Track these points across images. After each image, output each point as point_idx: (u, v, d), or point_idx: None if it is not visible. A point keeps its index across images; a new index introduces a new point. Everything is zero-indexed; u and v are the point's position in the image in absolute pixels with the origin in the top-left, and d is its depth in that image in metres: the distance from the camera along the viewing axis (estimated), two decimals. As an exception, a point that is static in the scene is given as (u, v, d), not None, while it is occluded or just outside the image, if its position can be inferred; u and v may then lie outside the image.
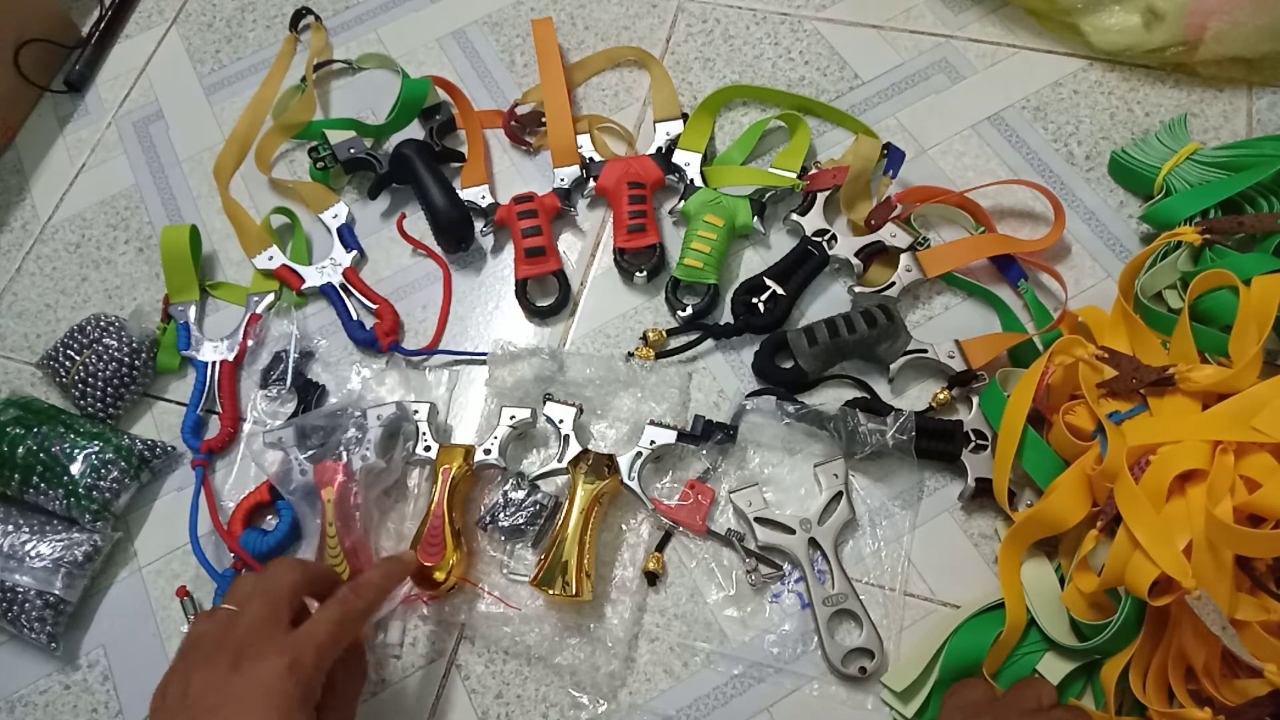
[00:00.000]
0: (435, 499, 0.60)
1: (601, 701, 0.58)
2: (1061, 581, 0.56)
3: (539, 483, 0.62)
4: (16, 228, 0.81)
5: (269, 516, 0.65)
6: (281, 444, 0.62)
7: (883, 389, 0.65)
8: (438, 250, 0.74)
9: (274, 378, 0.69)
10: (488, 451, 0.62)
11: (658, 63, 0.79)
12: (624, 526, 0.62)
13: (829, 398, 0.65)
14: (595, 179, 0.73)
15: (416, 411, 0.64)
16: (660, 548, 0.61)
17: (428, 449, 0.63)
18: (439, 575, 0.58)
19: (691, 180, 0.72)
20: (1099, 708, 0.53)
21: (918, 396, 0.65)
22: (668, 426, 0.62)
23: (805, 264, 0.68)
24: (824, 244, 0.68)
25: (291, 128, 0.80)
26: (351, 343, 0.71)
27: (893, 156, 0.70)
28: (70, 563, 0.61)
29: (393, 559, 0.55)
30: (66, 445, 0.64)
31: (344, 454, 0.61)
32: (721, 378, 0.67)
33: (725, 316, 0.69)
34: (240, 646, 0.46)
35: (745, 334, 0.67)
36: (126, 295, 0.76)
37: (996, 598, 0.57)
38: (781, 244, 0.71)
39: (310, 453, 0.62)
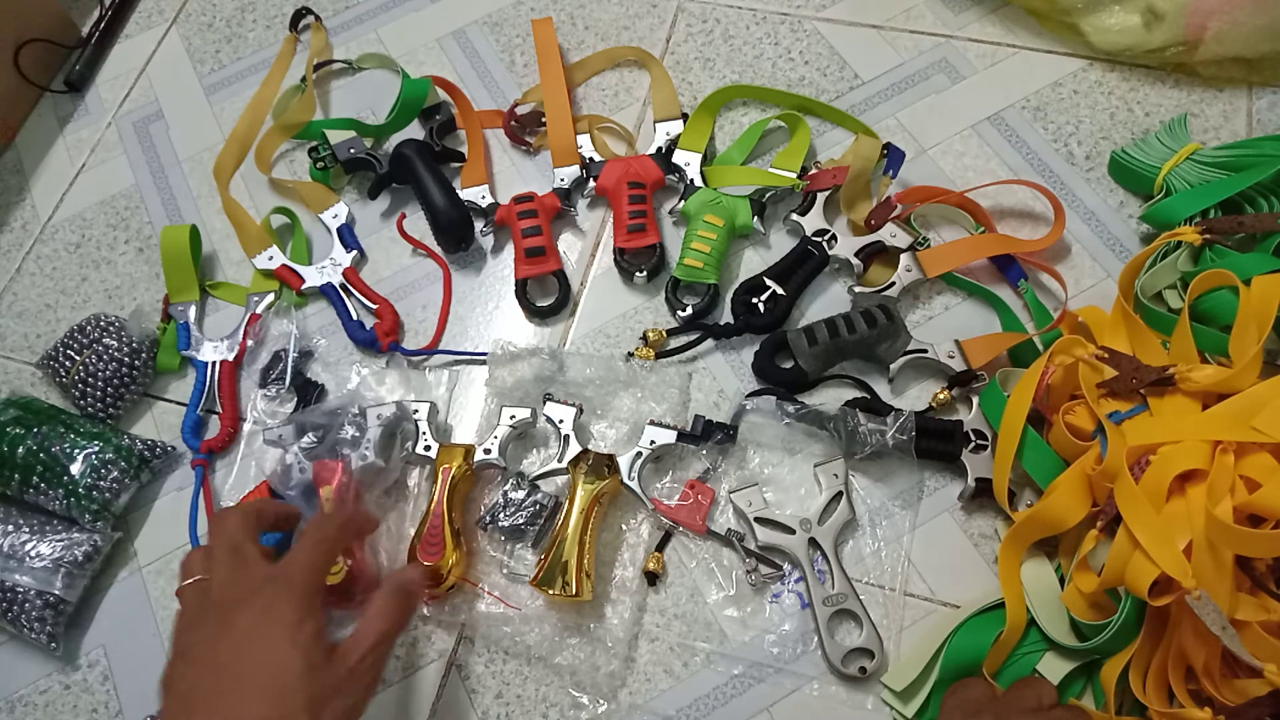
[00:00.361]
0: (435, 498, 0.60)
1: (601, 701, 0.58)
2: (1061, 581, 0.56)
3: (539, 483, 0.62)
4: (16, 228, 0.81)
5: (269, 516, 0.65)
6: (282, 441, 0.62)
7: (883, 389, 0.65)
8: (438, 250, 0.74)
9: (273, 377, 0.69)
10: (488, 451, 0.62)
11: (658, 63, 0.79)
12: (624, 526, 0.62)
13: (829, 398, 0.65)
14: (595, 179, 0.73)
15: (416, 411, 0.64)
16: (660, 548, 0.61)
17: (428, 448, 0.63)
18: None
19: (691, 180, 0.72)
20: (1099, 708, 0.53)
21: (918, 396, 0.65)
22: (668, 426, 0.62)
23: (805, 264, 0.68)
24: (824, 244, 0.68)
25: (291, 128, 0.80)
26: (351, 343, 0.71)
27: (893, 156, 0.70)
28: (70, 563, 0.61)
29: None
30: (66, 445, 0.64)
31: (343, 452, 0.61)
32: (721, 378, 0.67)
33: (725, 316, 0.69)
34: (224, 604, 0.46)
35: (745, 334, 0.67)
36: (126, 295, 0.76)
37: (996, 598, 0.57)
38: (781, 244, 0.71)
39: (309, 450, 0.62)
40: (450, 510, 0.60)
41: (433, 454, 0.63)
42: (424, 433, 0.64)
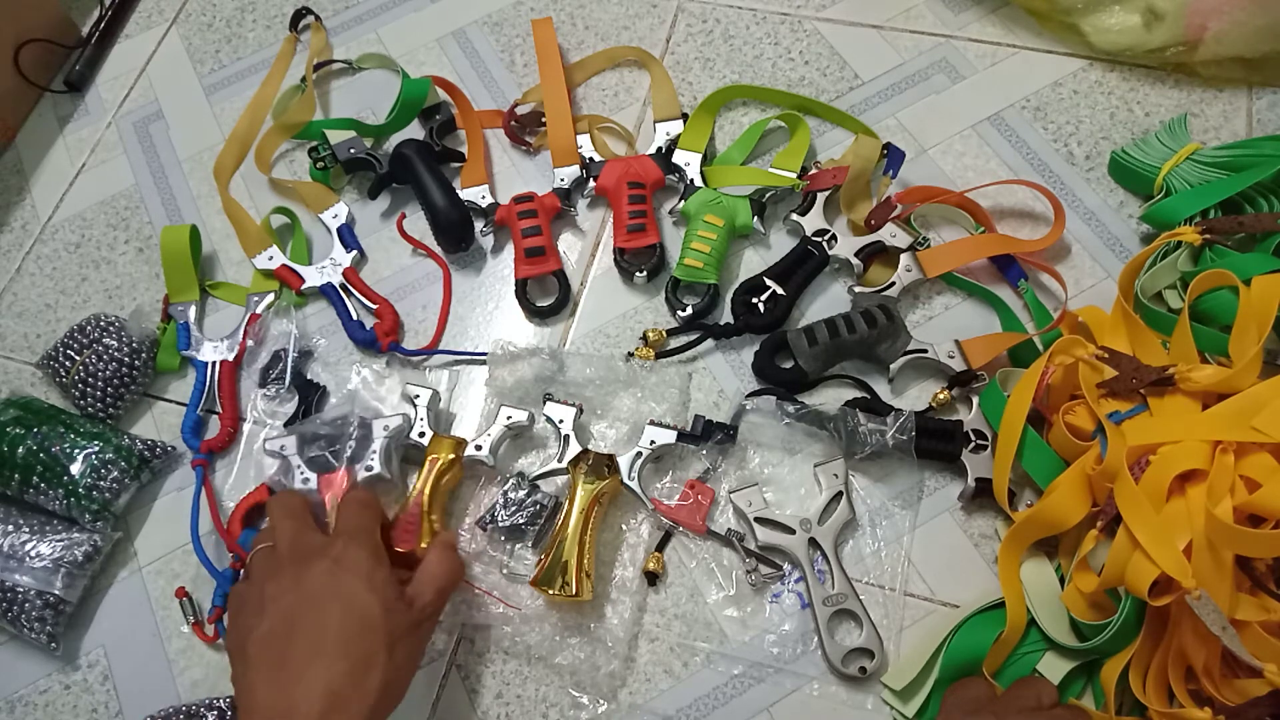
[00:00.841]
0: (417, 487, 0.60)
1: (601, 701, 0.58)
2: (1061, 581, 0.56)
3: (539, 483, 0.62)
4: (16, 228, 0.81)
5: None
6: (283, 452, 0.62)
7: (883, 389, 0.65)
8: (438, 250, 0.74)
9: (273, 377, 0.69)
10: (478, 448, 0.62)
11: (658, 63, 0.79)
12: (624, 526, 0.62)
13: (829, 398, 0.65)
14: (595, 179, 0.73)
15: (417, 396, 0.64)
16: (660, 548, 0.61)
17: (422, 435, 0.63)
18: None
19: (691, 180, 0.72)
20: (1099, 708, 0.53)
21: (918, 396, 0.65)
22: (668, 426, 0.62)
23: (805, 264, 0.68)
24: (824, 244, 0.68)
25: (291, 128, 0.80)
26: (351, 343, 0.71)
27: (893, 156, 0.70)
28: (70, 563, 0.61)
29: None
30: (66, 445, 0.64)
31: (348, 464, 0.61)
32: (721, 378, 0.67)
33: (725, 316, 0.69)
34: (294, 559, 0.50)
35: (745, 334, 0.67)
36: (126, 295, 0.76)
37: (996, 598, 0.57)
38: (781, 244, 0.71)
39: (313, 461, 0.61)
40: (431, 499, 0.59)
41: (425, 441, 0.62)
42: (420, 419, 0.63)
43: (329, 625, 0.47)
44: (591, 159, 0.75)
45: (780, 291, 0.67)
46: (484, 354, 0.68)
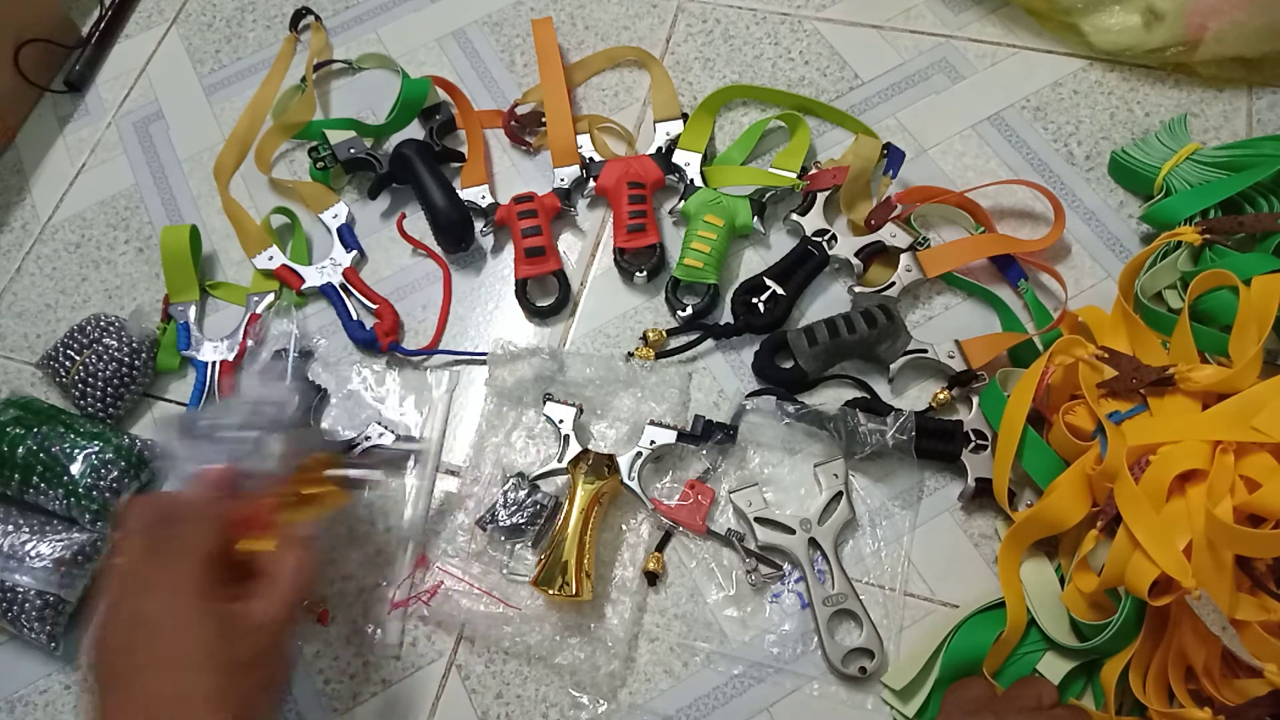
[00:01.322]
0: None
1: (601, 701, 0.58)
2: (1061, 581, 0.56)
3: (539, 483, 0.62)
4: (16, 228, 0.81)
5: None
6: (179, 439, 0.54)
7: (883, 389, 0.65)
8: (438, 250, 0.74)
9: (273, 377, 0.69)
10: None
11: (658, 63, 0.79)
12: (624, 526, 0.62)
13: (829, 398, 0.65)
14: (595, 179, 0.73)
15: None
16: (660, 548, 0.61)
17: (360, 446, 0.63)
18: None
19: (691, 180, 0.72)
20: (1099, 708, 0.53)
21: (918, 396, 0.65)
22: (668, 426, 0.62)
23: (805, 264, 0.68)
24: (824, 244, 0.68)
25: (291, 128, 0.80)
26: (351, 343, 0.71)
27: (893, 156, 0.70)
28: (70, 563, 0.61)
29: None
30: (66, 445, 0.64)
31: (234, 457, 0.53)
32: (721, 378, 0.67)
33: (725, 316, 0.69)
34: (126, 587, 0.45)
35: (745, 334, 0.67)
36: (126, 295, 0.76)
37: (996, 598, 0.57)
38: (781, 244, 0.71)
39: (200, 451, 0.54)
40: (290, 507, 0.52)
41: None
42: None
43: (151, 670, 0.43)
44: (591, 159, 0.75)
45: (780, 291, 0.67)
46: (484, 354, 0.68)
